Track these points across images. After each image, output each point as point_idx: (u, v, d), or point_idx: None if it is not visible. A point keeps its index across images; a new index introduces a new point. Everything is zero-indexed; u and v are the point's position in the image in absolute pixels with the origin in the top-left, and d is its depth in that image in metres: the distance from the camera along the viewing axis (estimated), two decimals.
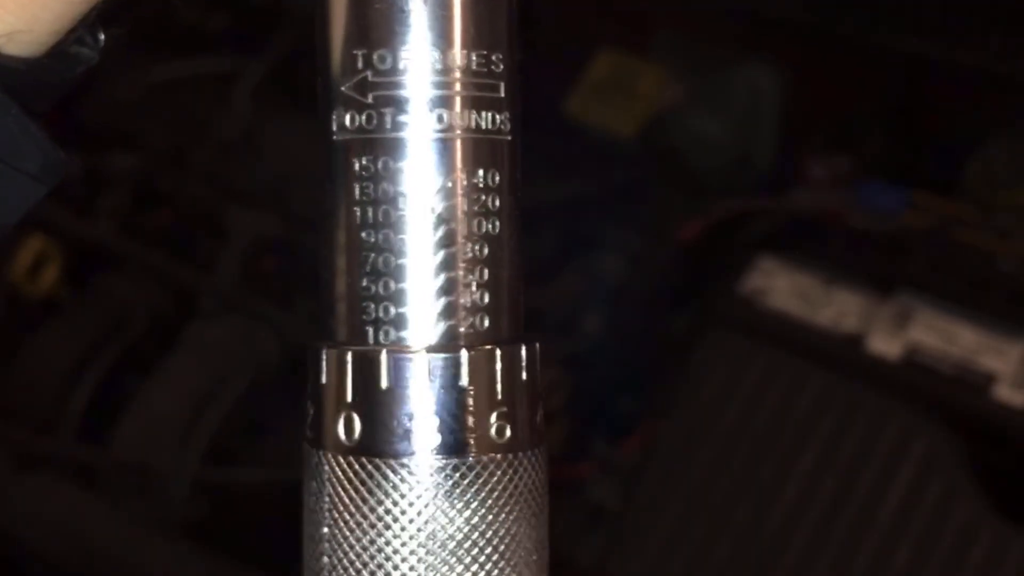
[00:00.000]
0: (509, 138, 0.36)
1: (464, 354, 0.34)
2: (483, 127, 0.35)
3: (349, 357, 0.35)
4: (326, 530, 0.35)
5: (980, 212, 1.43)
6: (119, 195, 1.63)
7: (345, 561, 0.34)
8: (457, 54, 0.34)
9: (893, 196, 1.45)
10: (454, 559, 0.34)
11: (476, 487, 0.34)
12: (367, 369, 0.35)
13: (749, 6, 1.66)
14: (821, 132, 1.62)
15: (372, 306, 0.35)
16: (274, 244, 1.59)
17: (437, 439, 0.34)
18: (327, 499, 0.35)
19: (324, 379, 0.35)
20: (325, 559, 0.35)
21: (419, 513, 0.34)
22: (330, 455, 0.35)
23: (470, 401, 0.34)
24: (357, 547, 0.34)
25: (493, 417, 0.35)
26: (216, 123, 1.67)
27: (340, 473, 0.35)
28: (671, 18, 1.69)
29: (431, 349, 0.34)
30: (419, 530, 0.34)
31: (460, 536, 0.34)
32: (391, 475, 0.34)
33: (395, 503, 0.34)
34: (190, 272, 1.59)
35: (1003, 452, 1.28)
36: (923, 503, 1.22)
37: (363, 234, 0.35)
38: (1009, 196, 1.47)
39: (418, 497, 0.34)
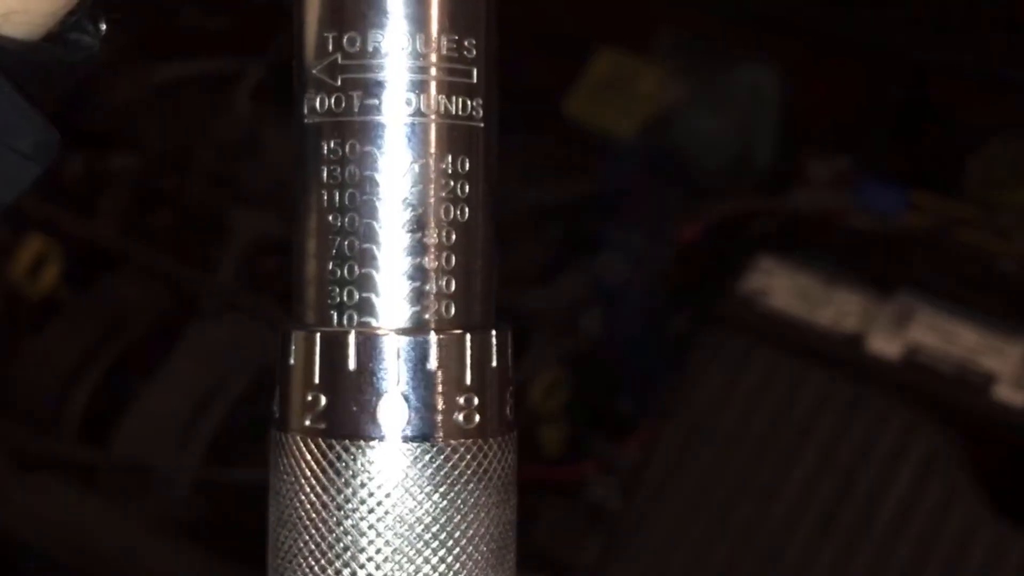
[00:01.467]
0: (482, 125, 0.35)
1: (433, 337, 0.34)
2: (454, 112, 0.35)
3: (317, 339, 0.35)
4: (292, 512, 0.35)
5: (980, 212, 1.43)
6: (119, 195, 1.63)
7: (311, 544, 0.34)
8: (428, 37, 0.34)
9: (893, 196, 1.45)
10: (420, 543, 0.34)
11: (444, 471, 0.34)
12: (334, 351, 0.34)
13: (749, 6, 1.66)
14: (821, 132, 1.62)
15: (338, 290, 0.35)
16: (274, 244, 1.59)
17: (404, 422, 0.34)
18: (293, 481, 0.35)
19: (292, 360, 0.35)
20: (291, 542, 0.35)
21: (387, 495, 0.34)
22: (297, 437, 0.35)
23: (438, 385, 0.34)
24: (323, 529, 0.34)
25: (462, 401, 0.34)
26: (217, 124, 1.67)
27: (307, 455, 0.35)
28: (671, 17, 1.69)
29: (398, 332, 0.34)
30: (386, 512, 0.34)
31: (428, 520, 0.34)
32: (358, 457, 0.34)
33: (362, 485, 0.34)
34: (190, 272, 1.59)
35: (1003, 452, 1.28)
36: (923, 503, 1.23)
37: (330, 217, 0.35)
38: (1009, 196, 1.47)
39: (385, 479, 0.34)
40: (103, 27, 0.37)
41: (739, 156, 1.62)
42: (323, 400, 0.35)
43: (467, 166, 0.35)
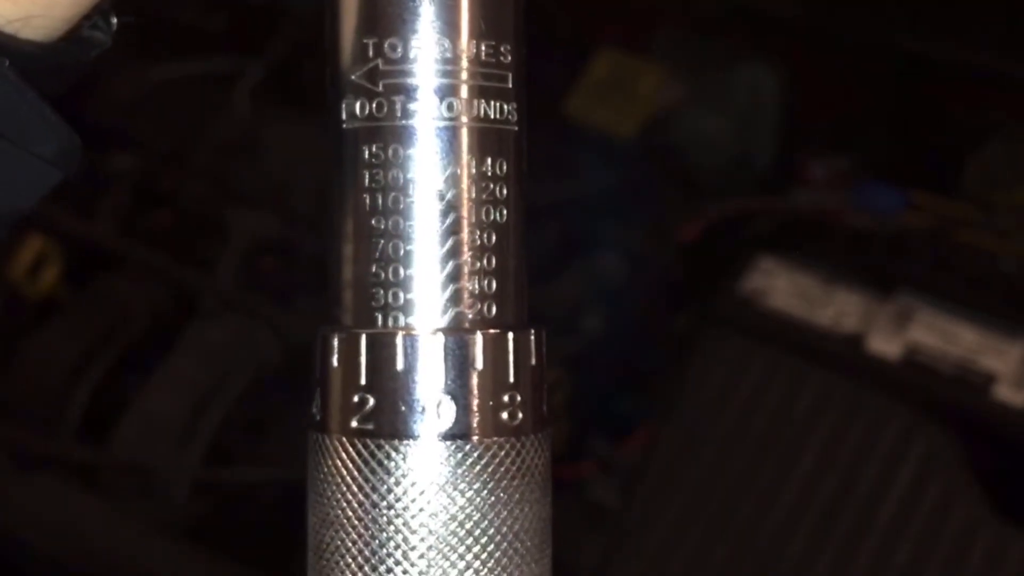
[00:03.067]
0: (516, 128, 0.36)
1: (479, 336, 0.35)
2: (491, 116, 0.35)
3: (362, 340, 0.35)
4: (339, 513, 0.35)
5: (980, 212, 1.43)
6: (119, 195, 1.63)
7: (360, 543, 0.34)
8: (466, 44, 0.35)
9: (893, 196, 1.45)
10: (470, 538, 0.34)
11: (491, 468, 0.34)
12: (381, 352, 0.35)
13: (749, 6, 1.66)
14: (821, 132, 1.62)
15: (381, 292, 0.35)
16: (274, 244, 1.59)
17: (451, 420, 0.34)
18: (340, 482, 0.35)
19: (335, 363, 0.35)
20: (338, 542, 0.35)
21: (436, 493, 0.34)
22: (343, 438, 0.35)
23: (484, 383, 0.35)
24: (373, 528, 0.34)
25: (504, 400, 0.35)
26: (216, 123, 1.67)
27: (355, 456, 0.35)
28: (671, 18, 1.69)
29: (444, 332, 0.35)
30: (436, 509, 0.34)
31: (476, 515, 0.34)
32: (408, 456, 0.34)
33: (413, 483, 0.34)
34: (190, 272, 1.59)
35: (1003, 452, 1.28)
36: (923, 503, 1.22)
37: (372, 221, 0.35)
38: (1009, 196, 1.47)
39: (434, 477, 0.34)
40: (114, 21, 0.37)
41: (739, 156, 1.62)
42: (371, 401, 0.35)
43: (504, 168, 0.35)
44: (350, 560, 0.35)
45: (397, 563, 0.34)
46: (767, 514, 1.25)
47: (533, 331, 0.36)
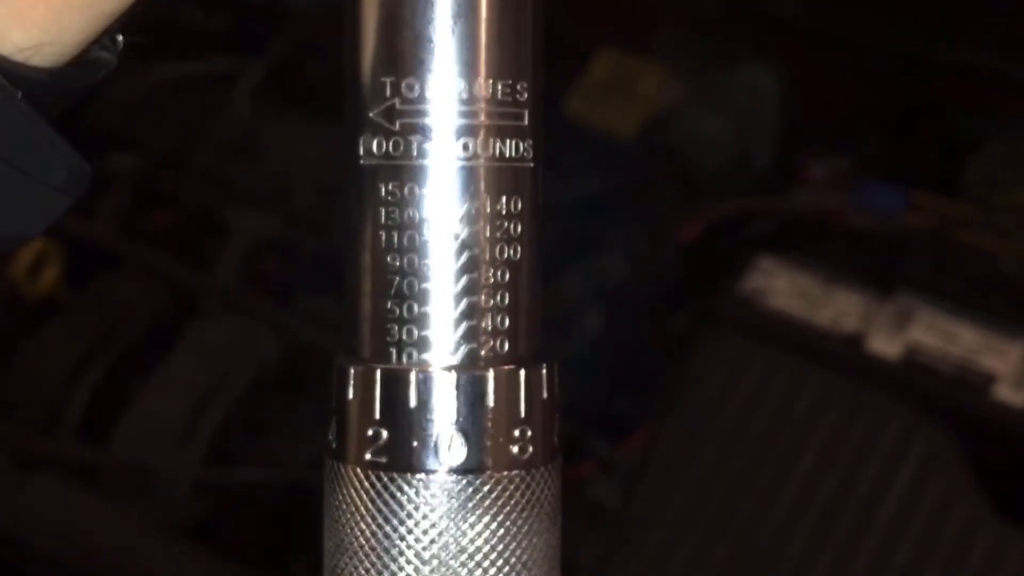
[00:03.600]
0: (532, 165, 0.36)
1: (490, 373, 0.35)
2: (507, 155, 0.36)
3: (377, 375, 0.36)
4: (352, 540, 0.36)
5: (980, 212, 1.43)
6: (119, 195, 1.63)
7: (373, 571, 0.35)
8: (483, 83, 0.35)
9: (893, 196, 1.45)
10: (479, 569, 0.35)
11: (500, 501, 0.35)
12: (395, 388, 0.35)
13: (749, 6, 1.66)
14: (821, 132, 1.62)
15: (396, 328, 0.36)
16: (274, 244, 1.59)
17: (463, 455, 0.35)
18: (354, 511, 0.36)
19: (351, 395, 0.36)
20: (351, 569, 0.36)
21: (447, 526, 0.35)
22: (357, 469, 0.36)
23: (495, 419, 0.35)
24: (385, 558, 0.35)
25: (516, 434, 0.36)
26: (216, 123, 1.67)
27: (368, 487, 0.36)
28: (671, 18, 1.69)
29: (456, 370, 0.35)
30: (447, 542, 0.35)
31: (486, 548, 0.35)
32: (420, 490, 0.35)
33: (424, 516, 0.35)
34: (190, 272, 1.59)
35: (1003, 452, 1.28)
36: (923, 503, 1.22)
37: (388, 258, 0.35)
38: (1009, 196, 1.47)
39: (445, 510, 0.35)
40: (120, 40, 0.37)
41: (739, 156, 1.62)
42: (384, 435, 0.35)
43: (519, 206, 0.36)
44: None
45: None
46: (767, 514, 1.25)
47: (545, 365, 0.37)
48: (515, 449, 0.36)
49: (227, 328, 1.51)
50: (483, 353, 0.36)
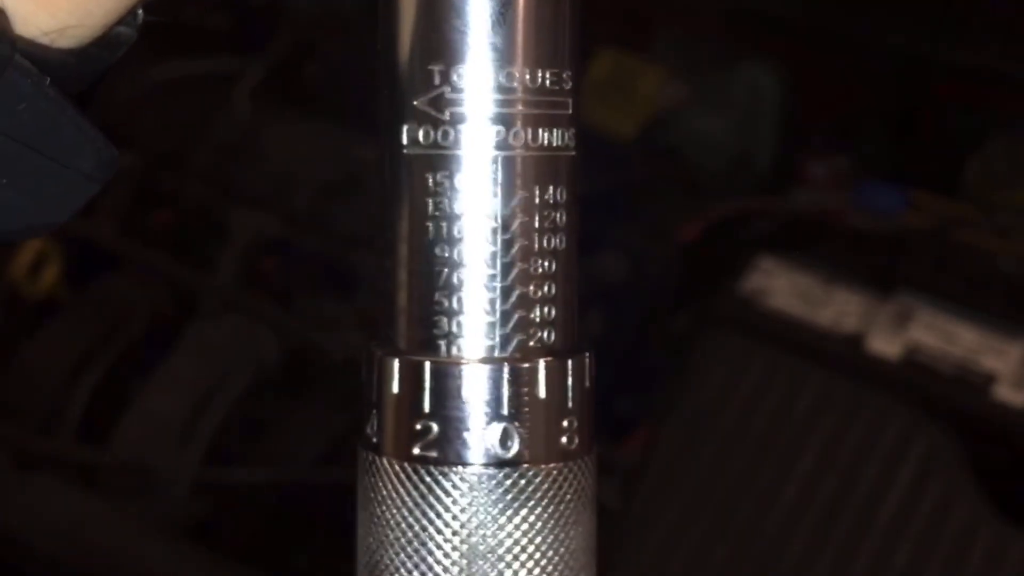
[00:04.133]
0: (574, 154, 0.36)
1: (541, 364, 0.35)
2: (553, 144, 0.36)
3: (427, 368, 0.35)
4: (391, 536, 0.35)
5: (980, 212, 1.43)
6: (119, 195, 1.63)
7: (423, 566, 0.35)
8: (531, 72, 0.35)
9: (893, 196, 1.45)
10: (531, 561, 0.35)
11: (541, 493, 0.35)
12: (446, 380, 0.35)
13: (749, 6, 1.66)
14: (821, 132, 1.62)
15: (445, 320, 0.35)
16: (274, 244, 1.59)
17: (515, 448, 0.35)
18: (395, 507, 0.35)
19: (396, 388, 0.36)
20: (398, 564, 0.35)
21: (484, 520, 0.35)
22: (404, 464, 0.35)
23: (546, 410, 0.35)
24: (438, 553, 0.35)
25: (564, 425, 0.36)
26: (216, 123, 1.67)
27: (414, 481, 0.35)
28: (671, 18, 1.69)
29: (507, 362, 0.35)
30: (484, 535, 0.35)
31: (538, 539, 0.35)
32: (471, 484, 0.35)
33: (475, 510, 0.35)
34: (190, 272, 1.59)
35: (1003, 452, 1.28)
36: (923, 503, 1.22)
37: (436, 249, 0.35)
38: (1009, 196, 1.47)
39: (489, 503, 0.35)
40: (140, 15, 0.37)
41: (739, 156, 1.62)
42: (434, 428, 0.35)
43: (563, 195, 0.36)
44: None
45: None
46: (767, 514, 1.25)
47: (588, 354, 0.37)
48: (564, 440, 0.35)
49: (227, 328, 1.51)
50: (531, 344, 0.35)
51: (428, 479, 0.35)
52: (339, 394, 1.44)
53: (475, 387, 0.35)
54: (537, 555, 0.35)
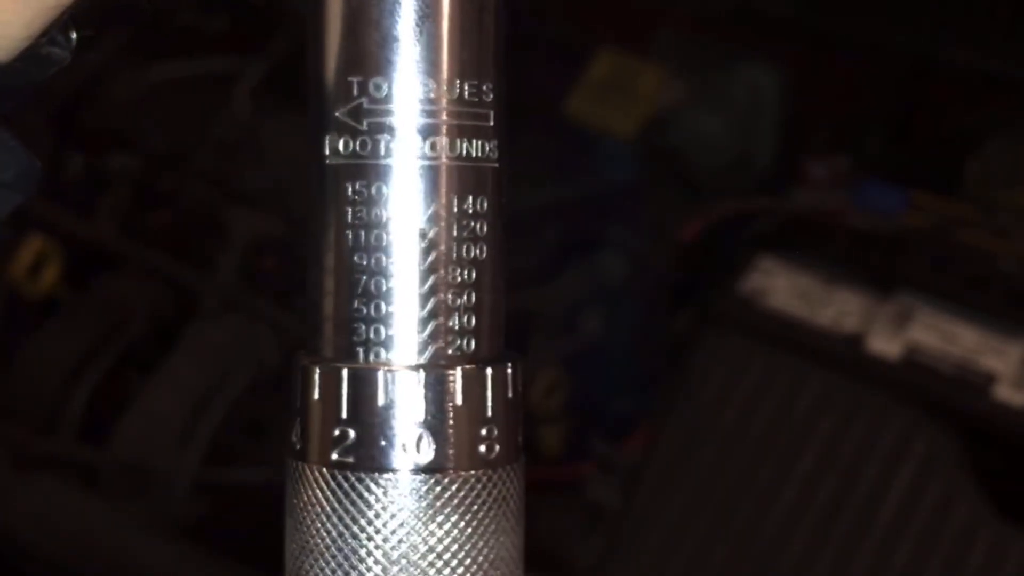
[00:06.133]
0: (496, 165, 0.37)
1: (458, 372, 0.35)
2: (473, 155, 0.36)
3: (344, 375, 0.35)
4: (318, 542, 0.36)
5: (980, 212, 1.43)
6: (119, 195, 1.63)
7: (329, 571, 0.35)
8: (449, 84, 0.35)
9: (893, 196, 1.45)
10: (448, 568, 0.35)
11: (458, 500, 0.35)
12: (362, 387, 0.35)
13: (749, 6, 1.66)
14: (821, 132, 1.62)
15: (363, 327, 0.36)
16: (274, 244, 1.59)
17: (430, 455, 0.35)
18: (319, 512, 0.36)
19: (316, 396, 0.36)
20: (317, 571, 0.36)
21: (415, 525, 0.35)
22: (323, 470, 0.36)
23: (463, 418, 0.35)
24: (353, 559, 0.35)
25: (482, 433, 0.36)
26: (216, 123, 1.67)
27: (335, 488, 0.35)
28: (671, 17, 1.69)
29: (424, 368, 0.35)
30: (400, 541, 0.35)
31: (454, 547, 0.35)
32: (388, 489, 0.35)
33: (392, 516, 0.35)
34: (190, 272, 1.59)
35: (1003, 452, 1.28)
36: (923, 503, 1.23)
37: (355, 257, 0.36)
38: (1009, 196, 1.47)
39: (413, 510, 0.35)
40: (74, 37, 0.37)
41: (739, 156, 1.62)
42: (351, 434, 0.35)
43: (484, 206, 0.36)
44: None
45: None
46: (767, 514, 1.25)
47: (510, 364, 0.37)
48: (482, 448, 0.36)
49: (227, 328, 1.51)
50: (449, 352, 0.36)
51: (346, 485, 0.35)
52: None
53: (391, 393, 0.35)
54: (454, 563, 0.35)
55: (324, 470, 0.35)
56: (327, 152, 0.36)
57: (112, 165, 1.64)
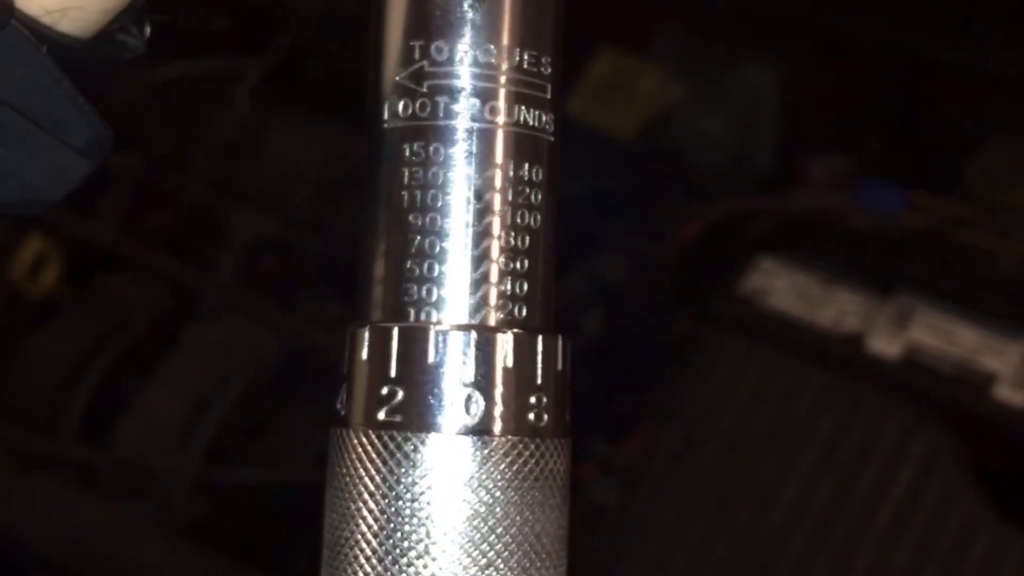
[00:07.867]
0: (552, 139, 0.37)
1: (509, 335, 0.35)
2: (530, 123, 0.36)
3: (394, 333, 0.35)
4: (353, 507, 0.35)
5: (980, 212, 1.43)
6: (119, 195, 1.63)
7: (371, 535, 0.35)
8: (510, 51, 0.36)
9: (893, 196, 1.45)
10: (493, 535, 0.34)
11: (505, 466, 0.35)
12: (412, 345, 0.35)
13: (749, 6, 1.66)
14: (821, 132, 1.62)
15: (415, 287, 0.35)
16: (274, 244, 1.59)
17: (478, 415, 0.35)
18: (359, 477, 0.35)
19: (365, 355, 0.36)
20: (353, 536, 0.35)
21: (446, 487, 0.34)
22: (369, 432, 0.35)
23: (513, 382, 0.35)
24: (397, 520, 0.34)
25: (531, 400, 0.35)
26: (216, 123, 1.67)
27: (380, 448, 0.35)
28: (671, 17, 1.69)
29: (475, 329, 0.35)
30: (445, 504, 0.34)
31: (500, 513, 0.34)
32: (435, 450, 0.34)
33: (437, 477, 0.34)
34: (190, 272, 1.59)
35: (1003, 452, 1.28)
36: (923, 503, 1.22)
37: (410, 217, 0.35)
38: (1009, 196, 1.47)
39: (460, 472, 0.34)
40: (147, 29, 0.38)
41: (739, 156, 1.62)
42: (399, 393, 0.35)
43: (540, 175, 0.37)
44: (370, 553, 0.35)
45: (418, 556, 0.34)
46: (767, 514, 1.25)
47: (561, 337, 0.37)
48: (531, 416, 0.35)
49: (227, 328, 1.51)
50: (500, 316, 0.36)
51: (392, 445, 0.35)
52: None
53: (441, 352, 0.35)
54: (499, 529, 0.34)
55: (370, 432, 0.35)
56: (386, 116, 0.36)
57: (112, 165, 1.64)
